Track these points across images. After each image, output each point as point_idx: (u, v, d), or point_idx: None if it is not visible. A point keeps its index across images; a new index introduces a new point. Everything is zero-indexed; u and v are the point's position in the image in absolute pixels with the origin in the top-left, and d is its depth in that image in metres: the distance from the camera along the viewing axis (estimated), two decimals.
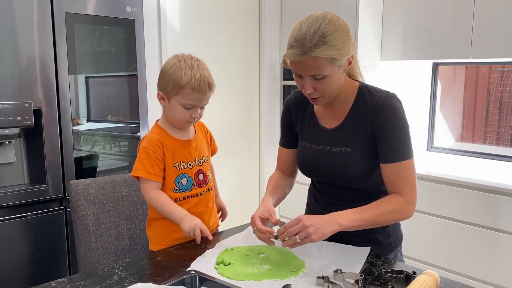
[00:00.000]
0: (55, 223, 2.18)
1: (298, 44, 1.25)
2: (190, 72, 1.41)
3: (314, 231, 1.23)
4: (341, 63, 1.29)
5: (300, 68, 1.29)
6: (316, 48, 1.23)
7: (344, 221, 1.28)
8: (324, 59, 1.25)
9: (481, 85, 3.30)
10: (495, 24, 2.53)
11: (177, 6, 2.95)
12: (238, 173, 3.44)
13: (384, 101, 1.35)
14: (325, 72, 1.27)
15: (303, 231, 1.23)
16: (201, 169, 1.55)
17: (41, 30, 2.07)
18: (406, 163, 1.34)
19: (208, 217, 1.59)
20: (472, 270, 2.57)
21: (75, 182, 1.69)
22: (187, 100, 1.43)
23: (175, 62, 1.44)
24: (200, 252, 1.41)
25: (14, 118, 2.00)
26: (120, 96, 2.52)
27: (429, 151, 3.38)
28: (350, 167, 1.39)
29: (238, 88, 3.40)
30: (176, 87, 1.42)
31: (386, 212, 1.33)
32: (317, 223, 1.25)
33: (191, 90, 1.41)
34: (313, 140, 1.47)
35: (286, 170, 1.63)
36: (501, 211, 2.43)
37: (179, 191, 1.50)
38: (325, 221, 1.26)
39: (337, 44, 1.25)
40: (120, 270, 1.29)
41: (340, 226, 1.27)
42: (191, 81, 1.40)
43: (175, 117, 1.47)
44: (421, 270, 1.20)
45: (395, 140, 1.33)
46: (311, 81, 1.30)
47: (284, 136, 1.60)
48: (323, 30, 1.25)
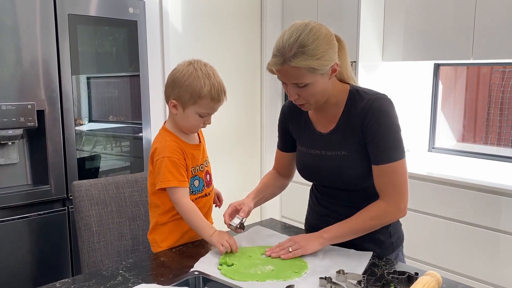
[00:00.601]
0: (58, 224, 2.19)
1: (279, 53, 1.28)
2: (208, 82, 1.42)
3: (305, 244, 1.37)
4: (323, 72, 1.30)
5: (283, 76, 1.32)
6: (295, 58, 1.26)
7: (327, 235, 1.39)
8: (303, 69, 1.27)
9: (483, 85, 3.30)
10: (497, 25, 2.53)
11: (179, 7, 2.96)
12: (239, 174, 3.44)
13: (373, 103, 1.35)
14: (306, 81, 1.29)
15: (295, 245, 1.38)
16: (207, 169, 1.60)
17: (44, 32, 2.08)
18: (394, 165, 1.34)
19: (209, 215, 1.63)
20: (473, 270, 2.58)
21: (78, 183, 1.70)
22: (204, 109, 1.45)
23: (192, 71, 1.42)
24: (204, 253, 1.42)
25: (17, 119, 2.01)
26: (122, 96, 2.52)
27: (430, 151, 3.38)
28: (346, 170, 1.41)
29: (240, 89, 3.40)
30: (195, 97, 1.42)
31: (365, 220, 1.38)
32: (305, 238, 1.40)
33: (210, 100, 1.43)
34: (310, 145, 1.49)
35: (282, 171, 1.68)
36: (503, 211, 2.44)
37: (192, 193, 1.52)
38: (312, 236, 1.41)
39: (317, 54, 1.26)
40: (124, 270, 1.30)
41: (324, 240, 1.39)
42: (211, 92, 1.41)
43: (189, 125, 1.48)
44: (423, 271, 1.21)
45: (383, 141, 1.34)
46: (294, 89, 1.33)
47: (281, 140, 1.65)
48: (302, 40, 1.26)
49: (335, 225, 1.40)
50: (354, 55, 2.93)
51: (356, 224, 1.38)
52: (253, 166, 3.57)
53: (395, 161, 1.34)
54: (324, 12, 3.10)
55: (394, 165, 1.34)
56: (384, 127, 1.34)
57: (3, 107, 1.97)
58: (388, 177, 1.35)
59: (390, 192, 1.35)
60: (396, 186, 1.35)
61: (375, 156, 1.36)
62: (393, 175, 1.34)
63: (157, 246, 1.57)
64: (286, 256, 1.35)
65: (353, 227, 1.38)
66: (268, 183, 1.64)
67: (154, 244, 1.57)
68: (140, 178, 1.82)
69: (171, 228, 1.54)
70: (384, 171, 1.35)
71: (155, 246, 1.57)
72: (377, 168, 1.36)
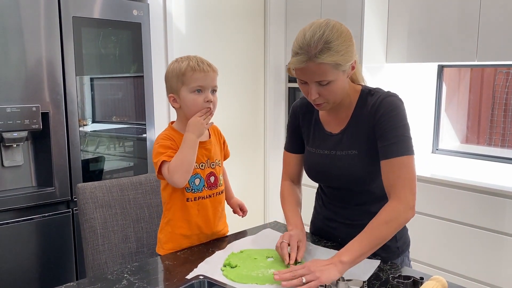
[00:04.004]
0: (62, 226, 2.19)
1: (303, 51, 1.27)
2: (186, 60, 1.48)
3: (321, 274, 1.18)
4: (345, 68, 1.31)
5: (306, 74, 1.31)
6: (321, 54, 1.25)
7: (347, 258, 1.23)
8: (329, 65, 1.27)
9: (486, 87, 3.30)
10: (501, 27, 2.53)
11: (183, 9, 2.96)
12: (243, 175, 3.44)
13: (384, 99, 1.37)
14: (330, 78, 1.29)
15: (310, 275, 1.18)
16: (213, 171, 1.57)
17: (48, 34, 2.08)
18: (403, 159, 1.31)
19: (217, 221, 1.60)
20: (478, 273, 2.57)
21: (83, 185, 1.70)
22: (193, 82, 1.46)
23: (173, 63, 1.51)
24: (209, 255, 1.42)
25: (22, 121, 2.01)
26: (126, 97, 2.53)
27: (434, 153, 3.37)
28: (356, 169, 1.40)
29: (244, 90, 3.40)
30: (179, 77, 1.46)
31: (380, 225, 1.28)
32: (321, 266, 1.21)
33: (192, 72, 1.45)
34: (319, 145, 1.49)
35: (294, 177, 1.63)
36: (507, 214, 2.43)
37: (191, 190, 1.51)
38: (329, 264, 1.22)
39: (341, 50, 1.27)
40: (129, 274, 1.30)
41: (344, 265, 1.23)
42: (189, 64, 1.46)
43: (191, 108, 1.48)
44: (428, 276, 1.20)
45: (392, 135, 1.33)
46: (316, 87, 1.32)
47: (291, 140, 1.61)
48: (327, 36, 1.26)
49: (352, 243, 1.27)
50: (358, 56, 2.92)
51: (372, 234, 1.28)
52: (257, 166, 3.57)
53: (404, 156, 1.32)
54: (328, 13, 3.10)
55: (403, 159, 1.32)
56: (394, 122, 1.34)
57: (8, 109, 1.98)
58: (397, 171, 1.31)
59: (399, 188, 1.30)
60: (405, 180, 1.31)
61: (384, 149, 1.34)
62: (402, 169, 1.31)
63: (160, 247, 1.58)
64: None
65: (370, 238, 1.27)
66: (298, 200, 1.59)
67: (159, 243, 1.58)
68: (144, 181, 1.83)
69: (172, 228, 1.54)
70: (393, 164, 1.32)
71: (158, 247, 1.58)
72: (386, 162, 1.33)
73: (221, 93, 1.52)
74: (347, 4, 3.02)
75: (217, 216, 1.59)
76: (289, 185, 1.62)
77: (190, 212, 1.52)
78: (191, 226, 1.53)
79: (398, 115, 1.34)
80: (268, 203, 3.64)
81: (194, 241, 1.55)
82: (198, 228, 1.54)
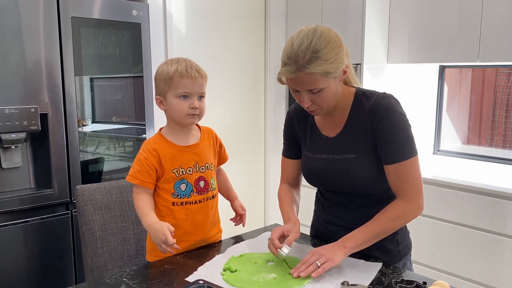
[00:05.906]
0: (61, 228, 2.18)
1: (291, 61, 1.26)
2: (176, 64, 1.45)
3: (331, 255, 1.28)
4: (336, 75, 1.30)
5: (296, 84, 1.30)
6: (310, 64, 1.24)
7: (349, 243, 1.32)
8: (318, 74, 1.25)
9: (488, 87, 3.28)
10: (503, 28, 2.51)
11: (183, 9, 2.95)
12: (243, 176, 3.43)
13: (381, 101, 1.35)
14: (320, 86, 1.28)
15: (321, 258, 1.27)
16: (202, 176, 1.51)
17: (47, 35, 2.07)
18: (408, 163, 1.33)
19: (209, 226, 1.54)
20: (480, 275, 2.56)
21: (81, 187, 1.69)
22: (180, 88, 1.43)
23: (162, 64, 1.49)
24: (209, 259, 1.40)
25: (21, 122, 2.00)
26: (126, 98, 2.52)
27: (436, 154, 3.36)
28: (354, 172, 1.39)
29: (244, 91, 3.39)
30: (167, 81, 1.44)
31: (386, 221, 1.34)
32: (329, 249, 1.30)
33: (180, 77, 1.42)
34: (316, 150, 1.47)
35: (292, 181, 1.62)
36: (510, 216, 2.41)
37: (178, 196, 1.47)
38: (334, 247, 1.32)
39: (330, 58, 1.26)
40: (128, 278, 1.29)
41: (347, 249, 1.31)
42: (178, 69, 1.43)
43: (176, 113, 1.46)
44: (431, 280, 1.19)
45: (395, 139, 1.32)
46: (308, 95, 1.31)
47: (288, 146, 1.60)
48: (315, 45, 1.25)
49: (356, 232, 1.34)
50: (359, 57, 2.91)
51: (376, 228, 1.33)
52: (257, 168, 3.55)
53: (409, 158, 1.32)
54: (329, 14, 3.09)
55: (408, 163, 1.32)
56: (394, 125, 1.33)
57: (6, 110, 1.96)
58: (403, 175, 1.33)
59: (408, 190, 1.34)
60: (413, 183, 1.34)
61: (387, 155, 1.34)
62: (408, 173, 1.33)
63: (148, 253, 1.54)
64: (317, 273, 1.25)
65: (374, 231, 1.33)
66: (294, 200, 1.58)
67: (147, 250, 1.55)
68: None
69: None
70: (398, 169, 1.33)
71: (147, 253, 1.55)
72: (390, 167, 1.34)
73: (221, 93, 1.51)
74: (348, 4, 3.00)
75: (208, 221, 1.53)
76: (285, 187, 1.62)
77: (177, 217, 1.47)
78: (178, 232, 1.45)
79: (397, 117, 1.33)
80: (268, 205, 3.62)
81: (183, 247, 1.48)
82: (186, 233, 1.49)
